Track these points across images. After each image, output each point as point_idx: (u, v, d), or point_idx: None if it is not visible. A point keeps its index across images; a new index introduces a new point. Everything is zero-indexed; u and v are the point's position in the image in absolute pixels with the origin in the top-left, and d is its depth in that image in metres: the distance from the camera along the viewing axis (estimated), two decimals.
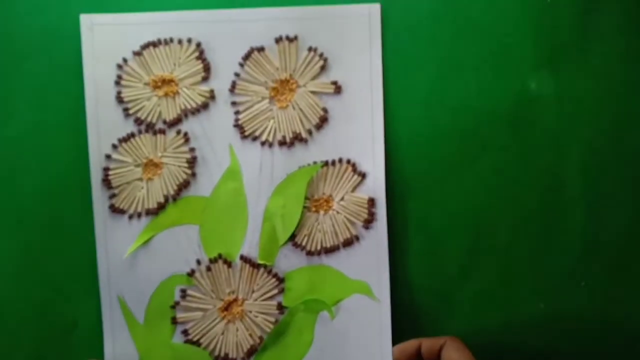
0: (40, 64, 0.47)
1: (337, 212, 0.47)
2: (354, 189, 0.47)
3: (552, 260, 0.48)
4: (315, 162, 0.47)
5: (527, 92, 0.47)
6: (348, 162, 0.47)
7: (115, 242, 0.47)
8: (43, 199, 0.47)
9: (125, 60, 0.47)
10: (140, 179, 0.47)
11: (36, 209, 0.47)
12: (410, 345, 0.45)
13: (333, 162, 0.47)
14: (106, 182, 0.47)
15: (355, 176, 0.47)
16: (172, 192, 0.47)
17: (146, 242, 0.47)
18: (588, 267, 0.48)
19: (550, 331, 0.49)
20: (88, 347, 0.48)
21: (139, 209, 0.47)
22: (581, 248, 0.48)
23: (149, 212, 0.47)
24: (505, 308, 0.48)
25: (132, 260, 0.47)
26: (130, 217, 0.47)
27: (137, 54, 0.47)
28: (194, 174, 0.47)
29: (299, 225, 0.47)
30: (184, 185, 0.47)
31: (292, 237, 0.47)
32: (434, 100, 0.47)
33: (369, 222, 0.47)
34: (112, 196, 0.47)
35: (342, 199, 0.47)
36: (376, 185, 0.47)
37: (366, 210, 0.47)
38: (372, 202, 0.47)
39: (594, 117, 0.48)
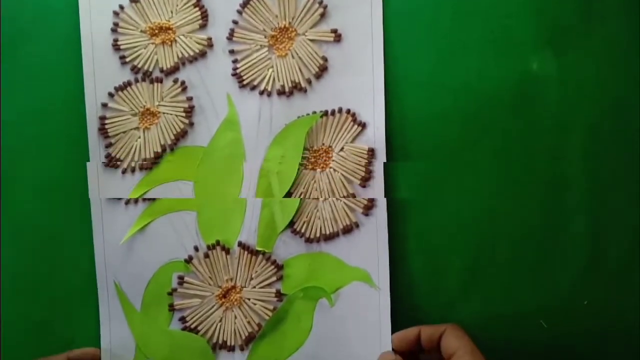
0: (37, 11, 0.46)
1: (334, 170, 0.46)
2: (353, 139, 0.46)
3: (554, 261, 0.48)
4: (314, 112, 0.46)
5: (528, 74, 0.46)
6: (348, 112, 0.46)
7: (112, 228, 0.46)
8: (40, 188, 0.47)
9: (121, 7, 0.46)
10: (137, 128, 0.47)
11: (33, 195, 0.48)
12: (410, 332, 0.44)
13: (333, 112, 0.46)
14: (102, 131, 0.46)
15: (355, 126, 0.46)
16: (169, 142, 0.46)
17: (143, 228, 0.47)
18: (591, 268, 0.48)
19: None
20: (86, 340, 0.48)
21: (136, 158, 0.46)
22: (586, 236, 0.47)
23: (142, 167, 0.46)
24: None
25: (128, 246, 0.47)
26: (124, 171, 0.46)
27: (133, 0, 0.46)
28: (191, 124, 0.47)
29: (295, 184, 0.46)
30: (181, 135, 0.46)
31: (291, 224, 0.47)
32: (434, 82, 0.46)
33: (366, 180, 0.46)
34: (109, 145, 0.46)
35: (341, 149, 0.47)
36: (376, 135, 0.46)
37: (364, 168, 0.46)
38: (372, 152, 0.46)
39: (596, 99, 0.47)
